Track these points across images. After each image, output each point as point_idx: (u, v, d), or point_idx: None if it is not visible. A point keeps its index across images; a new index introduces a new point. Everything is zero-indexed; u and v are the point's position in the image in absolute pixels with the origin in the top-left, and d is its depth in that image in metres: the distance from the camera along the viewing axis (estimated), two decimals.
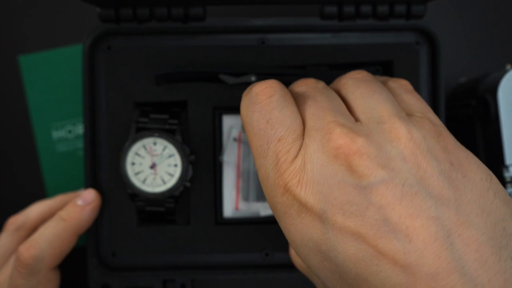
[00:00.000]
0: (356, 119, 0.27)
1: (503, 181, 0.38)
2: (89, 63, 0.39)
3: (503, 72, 0.39)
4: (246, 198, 0.40)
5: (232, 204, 0.40)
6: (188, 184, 0.39)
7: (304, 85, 0.30)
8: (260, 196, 0.40)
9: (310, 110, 0.27)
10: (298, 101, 0.29)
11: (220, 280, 0.41)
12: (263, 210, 0.40)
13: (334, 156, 0.24)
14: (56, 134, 0.49)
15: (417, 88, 0.40)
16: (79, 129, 0.49)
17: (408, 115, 0.27)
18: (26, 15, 0.50)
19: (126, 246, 0.40)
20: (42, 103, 0.49)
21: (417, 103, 0.29)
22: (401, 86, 0.30)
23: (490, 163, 0.39)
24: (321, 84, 0.30)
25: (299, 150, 0.26)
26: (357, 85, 0.29)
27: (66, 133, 0.49)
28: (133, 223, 0.40)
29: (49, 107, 0.49)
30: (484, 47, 0.50)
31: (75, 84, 0.48)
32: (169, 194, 0.38)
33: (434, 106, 0.39)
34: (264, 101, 0.28)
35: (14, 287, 0.36)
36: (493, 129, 0.38)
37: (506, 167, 0.38)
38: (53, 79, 0.49)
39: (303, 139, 0.26)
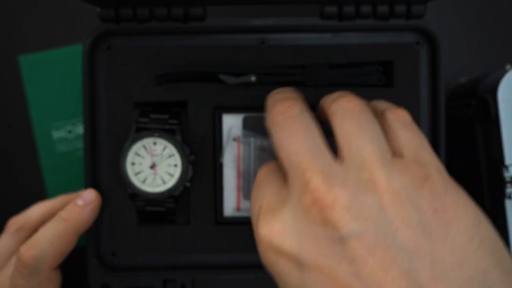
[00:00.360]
0: (339, 154, 0.27)
1: (503, 181, 0.38)
2: (89, 63, 0.39)
3: (503, 72, 0.39)
4: (246, 197, 0.40)
5: (233, 203, 0.40)
6: (188, 184, 0.39)
7: (281, 114, 0.29)
8: None
9: (287, 159, 0.27)
10: (277, 141, 0.29)
11: (220, 280, 0.41)
12: None
13: (308, 210, 0.25)
14: (56, 134, 0.49)
15: (417, 88, 0.40)
16: (79, 129, 0.49)
17: (396, 155, 0.27)
18: (26, 15, 0.50)
19: (126, 246, 0.40)
20: (42, 103, 0.49)
21: (411, 140, 0.28)
22: (398, 118, 0.29)
23: (490, 163, 0.39)
24: (296, 109, 0.29)
25: (280, 200, 0.27)
26: (344, 118, 0.28)
27: (66, 133, 0.49)
28: (133, 223, 0.40)
29: (49, 107, 0.49)
30: (484, 47, 0.50)
31: (75, 84, 0.48)
32: (169, 194, 0.38)
33: (434, 106, 0.40)
34: (259, 176, 0.31)
35: None
36: (493, 129, 0.38)
37: (506, 167, 0.38)
38: (53, 79, 0.49)
39: (287, 189, 0.28)
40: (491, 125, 0.39)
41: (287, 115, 0.29)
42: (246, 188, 0.40)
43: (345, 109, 0.28)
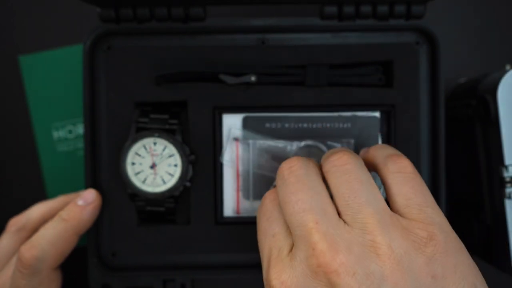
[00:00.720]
0: (340, 214, 0.28)
1: (503, 181, 0.38)
2: (89, 63, 0.39)
3: (503, 72, 0.39)
4: (246, 197, 0.40)
5: (233, 204, 0.40)
6: (188, 184, 0.39)
7: (287, 170, 0.30)
8: (261, 195, 0.39)
9: (293, 216, 0.28)
10: (283, 199, 0.29)
11: (220, 280, 0.41)
12: None
13: (315, 271, 0.26)
14: (56, 134, 0.49)
15: (417, 88, 0.40)
16: (79, 129, 0.49)
17: (398, 214, 0.28)
18: (26, 15, 0.50)
19: (126, 246, 0.40)
20: (42, 103, 0.49)
21: (415, 197, 0.28)
22: (400, 169, 0.30)
23: (489, 163, 0.39)
24: (302, 170, 0.30)
25: (290, 250, 0.28)
26: (337, 178, 0.29)
27: (66, 133, 0.49)
28: (133, 223, 0.40)
29: (49, 107, 0.49)
30: (484, 47, 0.50)
31: (75, 84, 0.48)
32: (169, 194, 0.38)
33: (434, 106, 0.40)
34: (268, 203, 0.31)
35: None
36: (493, 129, 0.38)
37: (506, 167, 0.38)
38: (53, 79, 0.49)
39: (294, 245, 0.28)
40: (491, 125, 0.39)
41: (293, 169, 0.30)
42: (246, 188, 0.40)
43: (337, 167, 0.29)
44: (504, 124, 0.38)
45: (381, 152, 0.32)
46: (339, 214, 0.28)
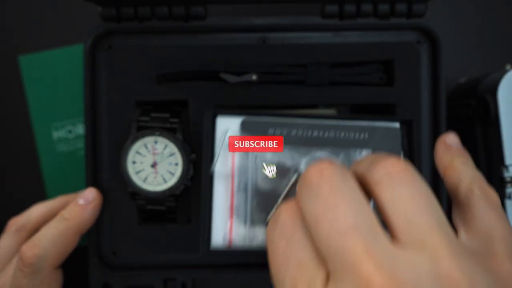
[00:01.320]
0: (394, 235, 0.21)
1: (503, 181, 0.38)
2: (90, 62, 0.39)
3: (503, 72, 0.39)
4: (244, 221, 0.34)
5: (224, 231, 0.34)
6: (189, 183, 0.39)
7: (317, 173, 0.23)
8: (261, 220, 0.34)
9: (331, 239, 0.21)
10: (314, 215, 0.22)
11: (220, 279, 0.40)
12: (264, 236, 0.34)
13: None
14: (56, 134, 0.49)
15: (418, 87, 0.40)
16: (79, 129, 0.49)
17: (475, 240, 0.24)
18: (26, 15, 0.50)
19: (127, 245, 0.40)
20: (42, 103, 0.49)
21: (500, 227, 0.24)
22: (489, 201, 0.25)
23: (490, 163, 0.39)
24: (338, 177, 0.22)
25: (324, 284, 0.21)
26: (394, 189, 0.22)
27: (66, 133, 0.49)
28: (134, 222, 0.40)
29: (49, 107, 0.49)
30: (484, 47, 0.50)
31: (75, 84, 0.48)
32: (170, 193, 0.38)
33: (435, 105, 0.40)
34: (287, 220, 0.24)
35: (17, 287, 0.36)
36: (493, 129, 0.39)
37: (506, 167, 0.38)
38: (53, 79, 0.49)
39: (328, 271, 0.21)
40: (491, 125, 0.39)
41: (326, 175, 0.23)
42: (243, 210, 0.34)
43: (392, 177, 0.22)
44: (504, 124, 0.38)
45: (467, 172, 0.27)
46: (394, 235, 0.21)
